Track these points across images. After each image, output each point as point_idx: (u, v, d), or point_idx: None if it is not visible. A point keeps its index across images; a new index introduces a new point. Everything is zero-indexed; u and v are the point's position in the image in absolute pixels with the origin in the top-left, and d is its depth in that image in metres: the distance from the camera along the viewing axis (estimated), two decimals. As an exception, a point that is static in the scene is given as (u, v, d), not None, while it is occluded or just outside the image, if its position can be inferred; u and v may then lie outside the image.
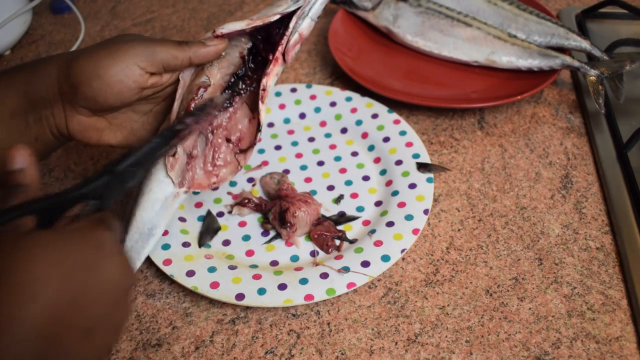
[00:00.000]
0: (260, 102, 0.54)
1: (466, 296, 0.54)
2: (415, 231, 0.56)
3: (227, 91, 0.55)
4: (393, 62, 0.77)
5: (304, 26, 0.55)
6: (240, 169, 0.56)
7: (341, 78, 0.77)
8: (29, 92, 0.49)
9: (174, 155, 0.53)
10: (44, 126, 0.50)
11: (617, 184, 0.62)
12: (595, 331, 0.51)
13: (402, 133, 0.66)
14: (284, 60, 0.54)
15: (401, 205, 0.59)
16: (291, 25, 0.53)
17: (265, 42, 0.55)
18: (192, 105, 0.52)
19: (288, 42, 0.54)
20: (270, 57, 0.54)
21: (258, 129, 0.55)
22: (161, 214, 0.53)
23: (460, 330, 0.51)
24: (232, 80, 0.55)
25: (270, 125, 0.70)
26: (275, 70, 0.54)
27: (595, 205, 0.61)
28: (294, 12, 0.54)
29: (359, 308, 0.54)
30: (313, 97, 0.71)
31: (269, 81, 0.54)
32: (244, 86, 0.56)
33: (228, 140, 0.56)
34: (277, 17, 0.53)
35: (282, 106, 0.71)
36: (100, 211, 0.41)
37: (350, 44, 0.79)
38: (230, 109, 0.56)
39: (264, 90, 0.54)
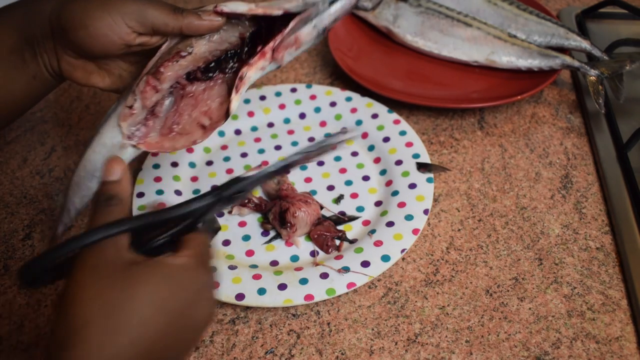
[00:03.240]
0: (234, 91, 0.51)
1: (466, 296, 0.54)
2: (415, 231, 0.56)
3: (211, 64, 0.53)
4: (393, 62, 0.77)
5: (303, 31, 0.52)
6: (195, 143, 0.53)
7: (341, 78, 0.77)
8: (24, 29, 0.50)
9: (130, 107, 0.51)
10: (39, 64, 0.51)
11: (617, 184, 0.62)
12: (595, 331, 0.51)
13: (402, 133, 0.66)
14: (273, 57, 0.52)
15: (401, 205, 0.59)
16: (290, 25, 0.51)
17: (266, 32, 0.53)
18: (168, 66, 0.50)
19: (282, 41, 0.51)
20: (259, 48, 0.52)
21: (227, 115, 0.52)
22: (105, 159, 0.51)
23: (460, 330, 0.51)
24: (223, 57, 0.53)
25: (270, 125, 0.70)
26: (260, 63, 0.52)
27: (595, 205, 0.61)
28: (299, 12, 0.51)
29: (359, 308, 0.54)
30: (313, 97, 0.71)
31: (249, 72, 0.51)
32: (232, 66, 0.53)
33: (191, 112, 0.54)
34: (280, 12, 0.51)
35: (282, 106, 0.71)
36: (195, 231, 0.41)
37: (350, 44, 0.79)
38: (209, 83, 0.53)
39: (240, 79, 0.51)
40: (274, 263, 0.57)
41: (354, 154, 0.66)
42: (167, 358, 0.36)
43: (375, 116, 0.68)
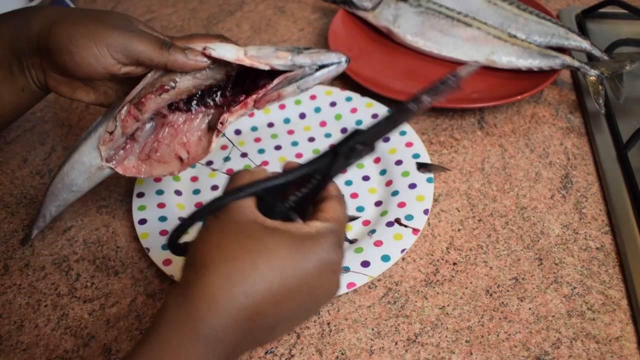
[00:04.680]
0: (214, 134, 0.53)
1: (466, 296, 0.54)
2: (415, 231, 0.56)
3: (195, 96, 0.53)
4: (393, 62, 0.77)
5: (287, 89, 0.52)
6: (173, 174, 0.55)
7: (341, 78, 0.77)
8: (12, 43, 0.50)
9: (111, 133, 0.52)
10: (27, 77, 0.51)
11: (617, 184, 0.62)
12: (595, 331, 0.51)
13: (402, 133, 0.66)
14: (255, 106, 0.53)
15: (401, 205, 0.59)
16: (275, 82, 0.51)
17: (250, 79, 0.53)
18: (150, 98, 0.51)
19: (265, 94, 0.52)
20: (242, 98, 0.52)
21: (205, 153, 0.54)
22: (82, 177, 0.54)
23: (460, 330, 0.51)
24: (207, 91, 0.54)
25: (270, 125, 0.70)
26: (240, 111, 0.52)
27: (595, 205, 0.61)
28: (285, 71, 0.51)
29: (359, 308, 0.54)
30: (313, 97, 0.71)
31: (230, 118, 0.52)
32: (214, 102, 0.54)
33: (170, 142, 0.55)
34: (267, 68, 0.51)
35: (282, 106, 0.71)
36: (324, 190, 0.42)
37: (350, 44, 0.79)
38: (190, 115, 0.54)
39: (222, 124, 0.52)
40: (274, 263, 0.57)
41: (354, 154, 0.66)
42: (275, 322, 0.38)
43: (375, 116, 0.68)
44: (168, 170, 0.55)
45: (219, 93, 0.54)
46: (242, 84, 0.53)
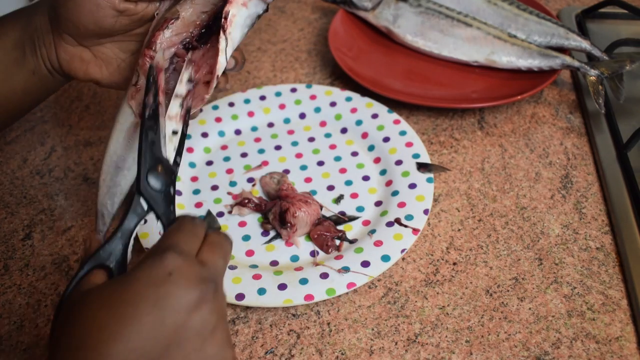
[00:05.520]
0: (221, 32, 0.50)
1: (466, 296, 0.54)
2: (415, 231, 0.56)
3: (203, 30, 0.52)
4: (393, 62, 0.77)
5: None
6: (204, 100, 0.52)
7: (341, 78, 0.77)
8: (27, 25, 0.51)
9: (135, 84, 0.51)
10: (38, 58, 0.52)
11: (617, 184, 0.62)
12: (595, 331, 0.51)
13: (402, 133, 0.66)
14: None
15: (401, 205, 0.59)
16: None
17: None
18: (159, 35, 0.50)
19: None
20: None
21: (223, 59, 0.51)
22: (126, 146, 0.51)
23: (460, 330, 0.51)
24: (212, 21, 0.52)
25: (270, 125, 0.70)
26: None
27: (595, 205, 0.61)
28: None
29: (359, 308, 0.54)
30: (313, 97, 0.71)
31: (231, 9, 0.50)
32: (223, 28, 0.52)
33: (190, 81, 0.52)
34: None
35: (282, 106, 0.71)
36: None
37: (350, 44, 0.79)
38: (206, 47, 0.53)
39: (225, 18, 0.50)
40: (274, 263, 0.57)
41: (354, 154, 0.66)
42: None
43: (375, 116, 0.68)
44: (199, 99, 0.52)
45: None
46: None
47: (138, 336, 0.32)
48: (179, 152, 0.47)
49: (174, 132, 0.48)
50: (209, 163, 0.66)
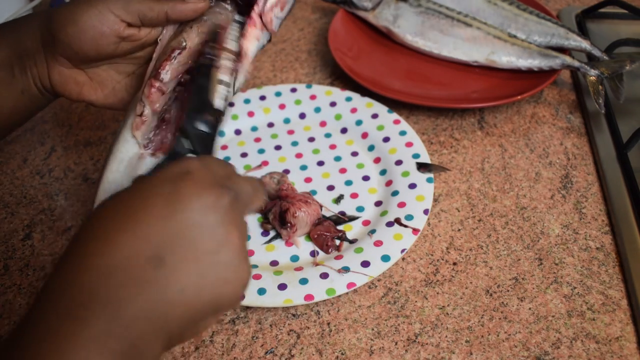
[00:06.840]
0: (239, 63, 0.51)
1: (466, 296, 0.54)
2: (415, 231, 0.56)
3: (202, 57, 0.52)
4: (393, 62, 0.77)
5: None
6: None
7: (341, 78, 0.77)
8: (15, 44, 0.50)
9: (141, 115, 0.50)
10: (28, 78, 0.51)
11: (617, 184, 0.62)
12: (595, 331, 0.51)
13: (402, 133, 0.66)
14: (263, 23, 0.51)
15: (401, 205, 0.59)
16: None
17: (247, 6, 0.52)
18: (166, 65, 0.50)
19: (265, 3, 0.51)
20: (246, 18, 0.51)
21: (234, 90, 0.52)
22: (128, 175, 0.50)
23: (460, 330, 0.51)
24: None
25: (270, 125, 0.70)
26: (253, 33, 0.51)
27: (595, 205, 0.61)
28: None
29: (359, 308, 0.54)
30: (313, 97, 0.71)
31: (247, 43, 0.51)
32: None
33: None
34: None
35: (282, 106, 0.71)
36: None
37: (350, 44, 0.79)
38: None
39: (239, 54, 0.51)
40: (274, 263, 0.57)
41: (354, 154, 0.66)
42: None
43: (375, 116, 0.68)
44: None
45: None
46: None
47: (146, 227, 0.33)
48: (226, 104, 0.45)
49: (224, 83, 0.48)
50: (209, 163, 0.66)
